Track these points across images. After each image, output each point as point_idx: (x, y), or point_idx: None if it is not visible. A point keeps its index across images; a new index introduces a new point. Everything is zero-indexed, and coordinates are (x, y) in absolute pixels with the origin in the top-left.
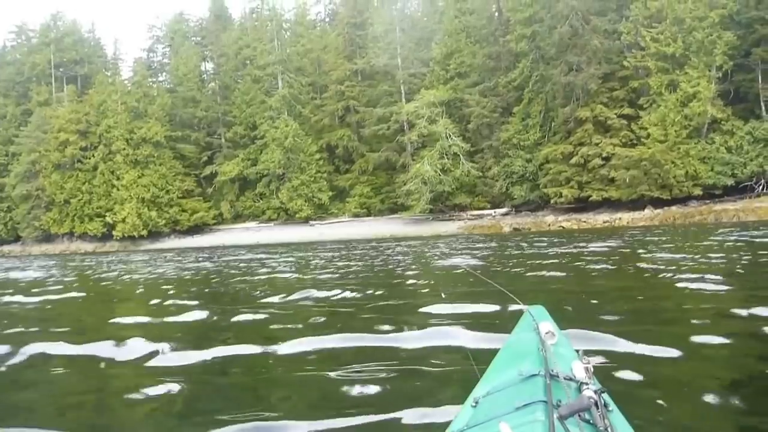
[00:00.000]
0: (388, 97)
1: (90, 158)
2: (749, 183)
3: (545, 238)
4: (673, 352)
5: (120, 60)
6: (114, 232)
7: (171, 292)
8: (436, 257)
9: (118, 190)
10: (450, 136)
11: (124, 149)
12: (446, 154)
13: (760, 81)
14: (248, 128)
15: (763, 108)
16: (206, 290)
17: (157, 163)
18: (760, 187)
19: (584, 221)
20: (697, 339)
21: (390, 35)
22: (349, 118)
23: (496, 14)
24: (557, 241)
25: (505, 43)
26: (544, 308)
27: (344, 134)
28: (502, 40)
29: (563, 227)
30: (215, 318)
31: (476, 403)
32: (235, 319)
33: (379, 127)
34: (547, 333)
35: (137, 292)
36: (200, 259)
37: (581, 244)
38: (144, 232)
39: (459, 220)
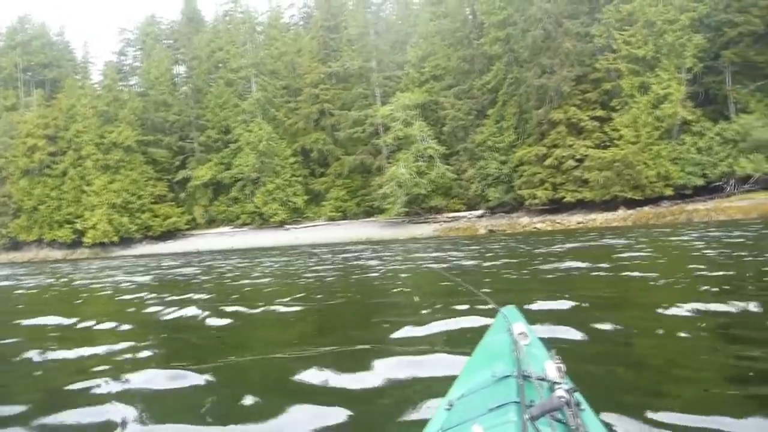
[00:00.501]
0: (363, 100)
1: (59, 164)
2: (719, 183)
3: (520, 238)
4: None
5: (90, 63)
6: (84, 239)
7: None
8: (411, 260)
9: (88, 195)
10: (425, 138)
11: (94, 154)
12: (421, 157)
13: (728, 83)
14: (221, 132)
15: (732, 109)
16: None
17: (128, 168)
18: (730, 188)
19: (558, 222)
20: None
21: (364, 38)
22: (324, 122)
23: (470, 17)
24: (532, 241)
25: (479, 46)
26: (517, 309)
27: (319, 137)
28: (476, 43)
29: (538, 228)
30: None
31: (450, 405)
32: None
33: (354, 130)
34: (520, 333)
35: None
36: (176, 265)
37: (553, 245)
38: (115, 239)
39: (435, 222)
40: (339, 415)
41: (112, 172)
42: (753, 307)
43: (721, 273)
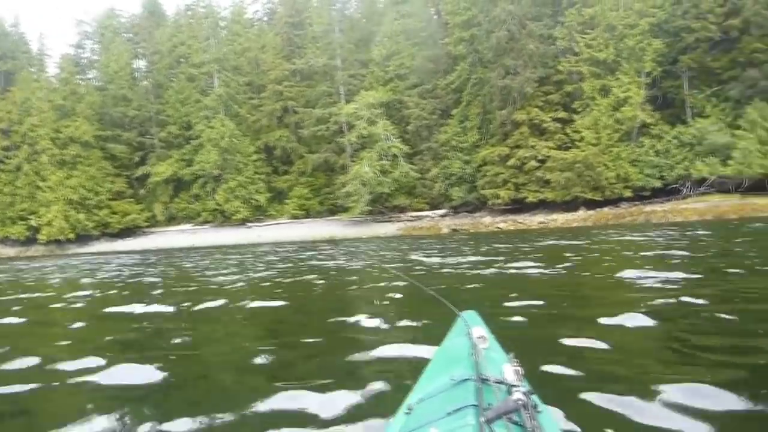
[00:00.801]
0: (327, 98)
1: (13, 158)
2: (676, 185)
3: (482, 238)
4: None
5: (46, 56)
6: (39, 236)
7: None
8: (373, 259)
9: (43, 191)
10: (389, 137)
11: (50, 149)
12: (385, 156)
13: (686, 87)
14: (183, 128)
15: (689, 113)
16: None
17: (86, 164)
18: (686, 190)
19: (520, 222)
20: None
21: (329, 36)
22: (288, 119)
23: (435, 17)
24: (493, 240)
25: (443, 46)
26: (476, 313)
27: (282, 135)
28: (440, 42)
29: (500, 228)
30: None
31: (410, 410)
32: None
33: (318, 128)
34: (479, 337)
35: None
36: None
37: (514, 245)
38: (72, 236)
39: (398, 221)
40: (297, 414)
41: (68, 168)
42: (699, 302)
43: (672, 273)
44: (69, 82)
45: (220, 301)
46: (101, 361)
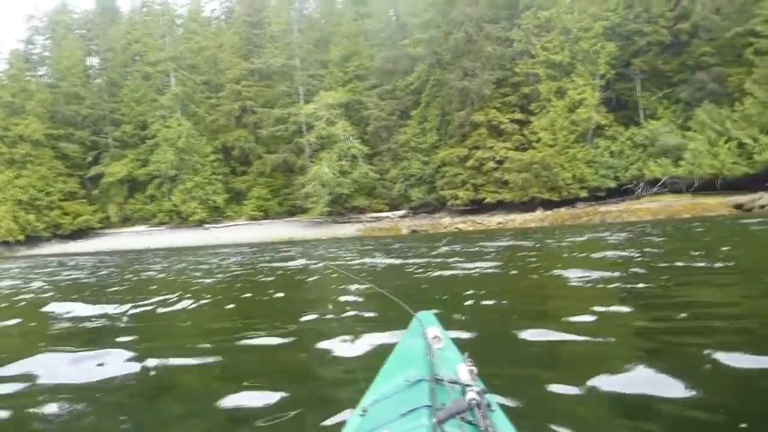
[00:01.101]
0: (286, 98)
1: None
2: (630, 186)
3: (441, 238)
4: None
5: None
6: None
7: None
8: (330, 261)
9: None
10: (348, 138)
11: None
12: (345, 156)
13: (638, 89)
14: (138, 127)
15: (642, 115)
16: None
17: (36, 163)
18: (640, 190)
19: (479, 223)
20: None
21: (288, 35)
22: (246, 119)
23: (394, 18)
24: (451, 241)
25: (402, 47)
26: (432, 313)
27: (241, 135)
28: (399, 44)
29: (459, 229)
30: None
31: (364, 412)
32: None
33: (277, 128)
34: (434, 338)
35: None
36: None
37: (473, 245)
38: (21, 237)
39: (358, 222)
40: (249, 414)
41: (17, 167)
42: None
43: (620, 272)
44: (18, 79)
45: (174, 303)
46: (47, 362)
